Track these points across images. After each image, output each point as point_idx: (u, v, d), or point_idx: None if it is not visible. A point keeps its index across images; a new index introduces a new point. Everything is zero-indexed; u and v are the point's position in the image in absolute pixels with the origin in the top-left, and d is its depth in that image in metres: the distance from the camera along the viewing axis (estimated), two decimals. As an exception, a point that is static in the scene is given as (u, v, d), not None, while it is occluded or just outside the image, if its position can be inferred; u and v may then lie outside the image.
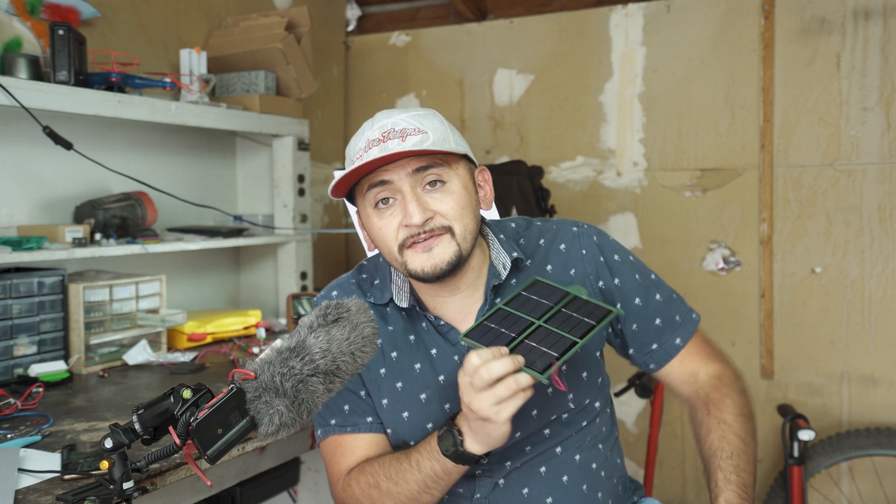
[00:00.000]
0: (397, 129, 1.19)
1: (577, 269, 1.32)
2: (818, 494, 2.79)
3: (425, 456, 1.15)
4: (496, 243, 1.32)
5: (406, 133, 1.18)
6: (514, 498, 1.26)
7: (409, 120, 1.20)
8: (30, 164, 2.10)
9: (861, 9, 2.69)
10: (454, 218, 1.20)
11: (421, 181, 1.20)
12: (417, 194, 1.19)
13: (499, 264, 1.30)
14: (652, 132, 3.03)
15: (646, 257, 3.05)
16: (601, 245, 1.34)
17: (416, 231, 1.19)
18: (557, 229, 1.36)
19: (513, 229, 1.37)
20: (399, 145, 1.17)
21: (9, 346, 1.86)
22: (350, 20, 3.57)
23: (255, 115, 2.51)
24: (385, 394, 1.30)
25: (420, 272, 1.20)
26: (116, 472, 1.02)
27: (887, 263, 2.70)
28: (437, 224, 1.19)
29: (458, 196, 1.21)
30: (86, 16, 2.22)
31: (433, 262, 1.19)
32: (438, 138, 1.20)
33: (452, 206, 1.20)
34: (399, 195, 1.20)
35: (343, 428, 1.31)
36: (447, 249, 1.19)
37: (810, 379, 2.83)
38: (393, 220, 1.21)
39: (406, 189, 1.19)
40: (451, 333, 1.29)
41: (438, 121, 1.23)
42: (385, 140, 1.18)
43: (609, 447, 1.36)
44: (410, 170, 1.19)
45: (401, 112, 1.23)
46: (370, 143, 1.20)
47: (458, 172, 1.23)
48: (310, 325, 0.99)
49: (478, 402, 1.04)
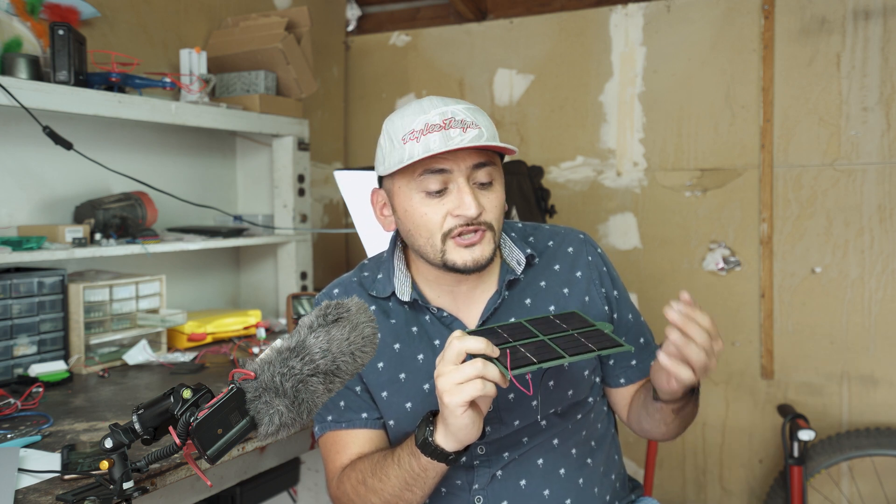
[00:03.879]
0: (457, 119, 1.20)
1: (582, 273, 1.36)
2: (818, 494, 2.79)
3: (405, 451, 1.15)
4: (508, 240, 1.35)
5: (465, 124, 1.19)
6: (512, 490, 1.27)
7: (465, 112, 1.21)
8: (30, 164, 2.10)
9: (861, 9, 2.69)
10: (495, 218, 1.24)
11: (474, 177, 1.22)
12: (473, 188, 1.21)
13: (512, 260, 1.33)
14: (652, 132, 3.03)
15: (646, 257, 3.06)
16: (603, 257, 1.40)
17: (464, 223, 1.21)
18: (566, 234, 1.41)
19: (521, 228, 1.41)
20: (461, 135, 1.18)
21: (9, 346, 1.86)
22: (350, 20, 3.57)
23: (255, 115, 2.51)
24: (385, 386, 1.31)
25: (461, 265, 1.22)
26: (116, 472, 1.02)
27: (887, 263, 2.70)
28: (483, 220, 1.22)
29: (500, 197, 1.25)
30: (86, 16, 2.22)
31: (474, 258, 1.22)
32: (490, 135, 1.22)
33: (497, 205, 1.24)
34: (454, 185, 1.21)
35: (338, 424, 1.32)
36: (487, 247, 1.23)
37: (810, 379, 2.83)
38: (442, 208, 1.21)
39: (462, 181, 1.20)
40: (455, 325, 1.30)
41: (487, 118, 1.25)
42: (446, 128, 1.19)
43: (606, 443, 1.38)
44: (471, 164, 1.21)
45: (455, 102, 1.23)
46: (430, 127, 1.19)
47: (501, 173, 1.27)
48: (310, 325, 0.99)
49: (442, 377, 1.04)
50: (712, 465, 3.00)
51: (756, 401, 2.91)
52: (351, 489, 1.24)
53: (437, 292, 1.32)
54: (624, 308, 1.39)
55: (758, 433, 2.92)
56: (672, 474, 3.06)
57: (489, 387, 1.03)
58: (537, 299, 1.32)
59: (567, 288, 1.34)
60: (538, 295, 1.33)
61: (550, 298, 1.33)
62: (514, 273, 1.31)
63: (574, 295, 1.34)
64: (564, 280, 1.34)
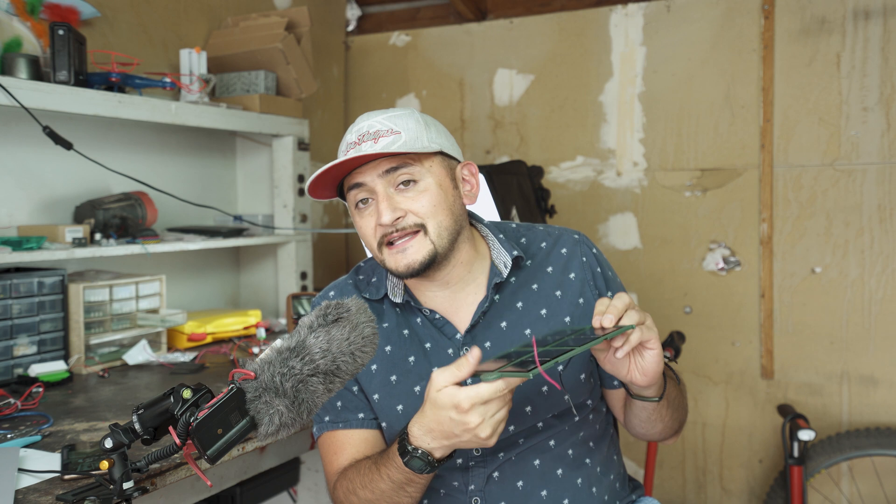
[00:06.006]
0: (371, 132, 1.23)
1: (576, 274, 1.34)
2: (818, 494, 2.79)
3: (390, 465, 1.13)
4: (496, 243, 1.34)
5: (379, 135, 1.23)
6: (508, 490, 1.27)
7: (383, 121, 1.24)
8: (30, 164, 2.10)
9: (861, 9, 2.69)
10: (427, 216, 1.24)
11: (393, 181, 1.23)
12: (389, 194, 1.23)
13: (500, 263, 1.32)
14: (652, 132, 3.03)
15: (646, 257, 3.06)
16: (598, 258, 1.38)
17: (389, 230, 1.23)
18: (560, 234, 1.39)
19: (513, 229, 1.40)
20: (371, 146, 1.22)
21: (9, 346, 1.86)
22: (350, 20, 3.57)
23: (255, 115, 2.51)
24: (377, 388, 1.31)
25: (395, 270, 1.25)
26: (116, 472, 1.02)
27: (887, 263, 2.70)
28: (408, 222, 1.23)
29: (431, 194, 1.24)
30: (86, 16, 2.22)
31: (406, 262, 1.23)
32: (411, 137, 1.23)
33: (424, 203, 1.23)
34: (374, 195, 1.24)
35: (335, 424, 1.33)
36: (421, 249, 1.23)
37: (810, 379, 2.83)
38: (371, 220, 1.26)
39: (379, 189, 1.23)
40: (447, 327, 1.31)
41: (413, 120, 1.26)
42: (359, 143, 1.23)
43: (605, 444, 1.37)
44: (381, 171, 1.23)
45: (379, 114, 1.26)
46: (348, 146, 1.25)
47: (432, 170, 1.26)
48: (310, 325, 0.99)
49: (482, 427, 1.00)
50: (712, 465, 3.00)
51: (756, 401, 2.91)
52: (343, 497, 1.25)
53: (427, 295, 1.32)
54: None
55: (758, 433, 2.92)
56: (672, 474, 3.06)
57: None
58: (529, 302, 1.31)
59: (559, 290, 1.33)
60: (530, 298, 1.32)
61: (542, 301, 1.31)
62: (501, 276, 1.30)
63: (567, 297, 1.32)
64: (557, 282, 1.33)
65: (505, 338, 1.29)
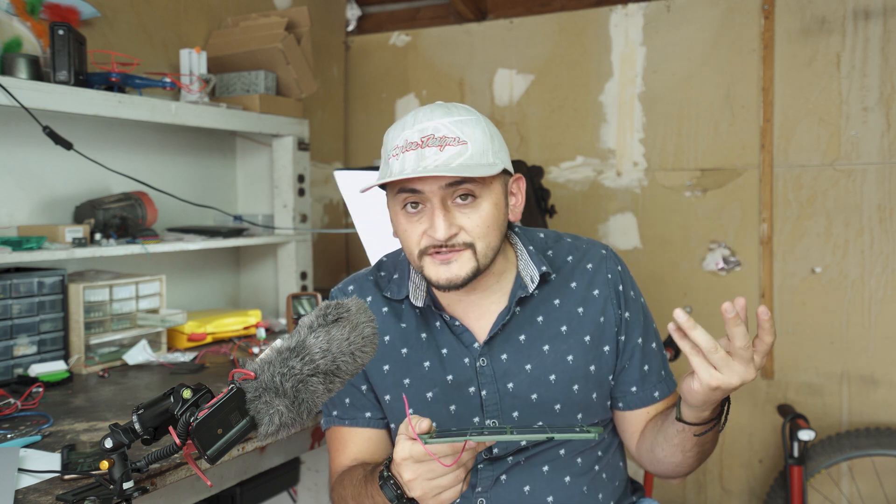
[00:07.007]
0: (437, 136, 1.15)
1: (600, 291, 1.31)
2: (818, 494, 2.79)
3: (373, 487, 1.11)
4: (524, 254, 1.31)
5: (446, 142, 1.15)
6: (515, 494, 1.27)
7: (450, 126, 1.16)
8: (30, 164, 2.10)
9: (861, 9, 2.69)
10: (478, 236, 1.19)
11: (452, 194, 1.17)
12: (447, 207, 1.17)
13: (526, 276, 1.29)
14: (652, 132, 3.03)
15: (646, 257, 3.06)
16: (623, 275, 1.34)
17: (438, 243, 1.18)
18: (587, 248, 1.36)
19: (541, 240, 1.37)
20: (436, 154, 1.14)
21: (9, 346, 1.86)
22: (350, 20, 3.57)
23: (255, 115, 2.51)
24: (389, 389, 1.31)
25: (435, 282, 1.20)
26: (116, 472, 1.02)
27: (887, 263, 2.70)
28: (459, 240, 1.18)
29: (486, 214, 1.19)
30: (86, 16, 2.22)
31: (448, 276, 1.19)
32: (477, 151, 1.16)
33: (479, 223, 1.18)
34: (428, 203, 1.18)
35: (342, 420, 1.33)
36: (465, 266, 1.19)
37: (810, 379, 2.83)
38: (418, 227, 1.19)
39: (436, 201, 1.17)
40: (466, 335, 1.29)
41: (480, 130, 1.18)
42: (423, 146, 1.15)
43: (613, 451, 1.37)
44: (444, 184, 1.16)
45: (444, 115, 1.18)
46: (408, 144, 1.17)
47: (493, 189, 1.20)
48: (310, 325, 0.99)
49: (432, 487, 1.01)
50: (712, 465, 3.00)
51: (756, 401, 2.91)
52: (338, 502, 1.26)
53: (449, 300, 1.30)
54: (633, 332, 1.33)
55: (758, 433, 2.92)
56: (672, 474, 3.06)
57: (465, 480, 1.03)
58: (550, 318, 1.29)
59: (582, 307, 1.30)
60: (551, 313, 1.29)
61: (563, 318, 1.29)
62: (526, 290, 1.28)
63: (588, 315, 1.30)
64: (580, 299, 1.30)
65: (522, 351, 1.28)
